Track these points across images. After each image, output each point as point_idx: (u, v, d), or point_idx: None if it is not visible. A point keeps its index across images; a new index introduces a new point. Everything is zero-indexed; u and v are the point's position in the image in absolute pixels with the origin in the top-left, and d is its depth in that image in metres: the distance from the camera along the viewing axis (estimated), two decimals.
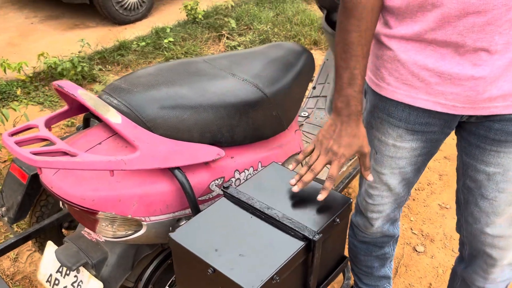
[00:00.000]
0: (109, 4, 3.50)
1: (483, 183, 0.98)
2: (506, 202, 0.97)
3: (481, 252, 1.08)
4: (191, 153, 1.06)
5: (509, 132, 0.91)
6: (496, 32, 0.81)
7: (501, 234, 1.02)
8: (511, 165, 0.93)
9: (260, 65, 1.29)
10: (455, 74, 0.87)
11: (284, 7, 3.93)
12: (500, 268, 1.08)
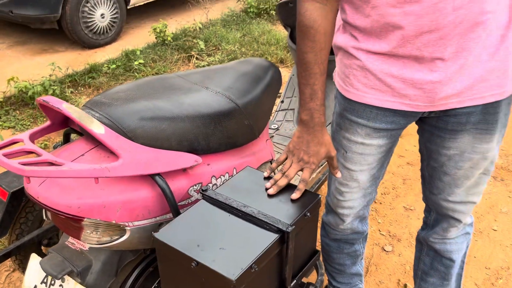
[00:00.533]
0: (79, 28, 3.56)
1: (444, 163, 1.15)
2: (463, 176, 1.14)
3: (446, 216, 1.26)
4: (170, 160, 1.14)
5: (463, 123, 1.06)
6: (447, 44, 0.94)
7: (461, 201, 1.20)
8: (465, 147, 1.09)
9: (231, 78, 1.39)
10: (417, 79, 1.00)
11: (250, 28, 4.09)
12: (457, 228, 1.28)
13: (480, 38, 0.94)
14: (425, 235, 1.37)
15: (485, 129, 1.06)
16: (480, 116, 1.04)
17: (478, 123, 1.05)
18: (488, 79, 0.99)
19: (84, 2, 3.53)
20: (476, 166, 1.11)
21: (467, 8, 0.90)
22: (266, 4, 4.42)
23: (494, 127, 1.06)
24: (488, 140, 1.07)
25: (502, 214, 2.13)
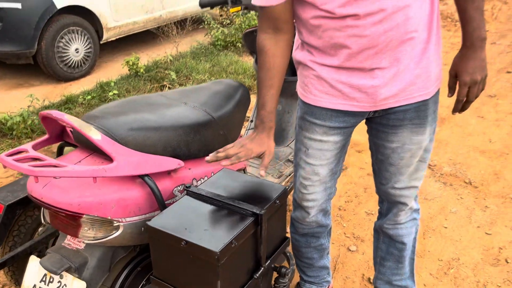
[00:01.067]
0: (54, 63, 3.71)
1: (389, 155, 1.37)
2: (406, 165, 1.37)
3: (395, 202, 1.48)
4: (157, 163, 1.31)
5: (401, 119, 1.30)
6: (382, 58, 1.19)
7: (405, 186, 1.42)
8: (405, 140, 1.32)
9: (206, 95, 1.60)
10: (361, 85, 1.23)
11: (218, 59, 4.35)
12: (405, 212, 1.49)
13: (407, 51, 1.19)
14: (380, 223, 1.59)
15: (419, 123, 1.30)
16: (414, 113, 1.29)
17: (413, 119, 1.29)
18: (416, 83, 1.24)
19: (59, 38, 3.70)
20: (415, 155, 1.35)
21: (395, 30, 1.15)
22: (232, 37, 4.71)
23: (426, 121, 1.30)
24: (422, 132, 1.32)
25: (452, 213, 2.38)
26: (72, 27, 3.79)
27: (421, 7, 1.17)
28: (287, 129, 2.29)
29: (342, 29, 1.17)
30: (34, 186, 1.24)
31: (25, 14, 3.46)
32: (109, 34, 4.20)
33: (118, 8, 4.15)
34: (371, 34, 1.15)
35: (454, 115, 1.43)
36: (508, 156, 2.91)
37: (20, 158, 1.17)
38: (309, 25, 1.24)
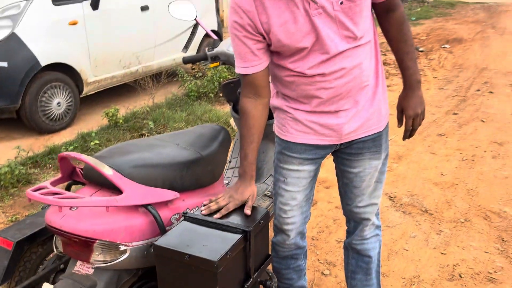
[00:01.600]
0: (37, 116, 3.90)
1: (353, 179, 1.66)
2: (366, 186, 1.66)
3: (360, 219, 1.74)
4: (157, 194, 1.55)
5: (361, 148, 1.60)
6: (345, 102, 1.50)
7: (367, 204, 1.70)
8: (366, 165, 1.62)
9: (195, 137, 1.86)
10: (329, 124, 1.54)
11: (193, 108, 4.65)
12: (369, 227, 1.76)
13: (363, 95, 1.52)
14: (349, 241, 1.85)
15: (375, 151, 1.61)
16: (371, 143, 1.60)
17: (371, 148, 1.60)
18: (371, 119, 1.55)
19: (42, 93, 3.92)
20: (373, 177, 1.65)
21: (353, 82, 1.48)
22: (205, 89, 5.05)
23: (381, 149, 1.62)
24: (378, 158, 1.63)
25: (411, 238, 2.67)
26: (55, 82, 4.03)
27: (370, 61, 1.50)
28: (263, 167, 2.56)
29: (312, 84, 1.48)
30: (53, 217, 1.44)
31: (11, 72, 3.68)
32: (89, 88, 4.45)
33: (98, 64, 4.43)
34: (336, 86, 1.46)
35: (404, 141, 1.74)
36: (458, 186, 3.28)
37: (44, 192, 1.38)
38: (284, 81, 1.54)
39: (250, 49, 1.44)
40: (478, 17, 13.87)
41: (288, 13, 1.37)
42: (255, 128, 1.53)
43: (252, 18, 1.39)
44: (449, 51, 8.71)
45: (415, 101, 1.60)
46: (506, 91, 5.85)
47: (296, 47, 1.41)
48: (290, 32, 1.39)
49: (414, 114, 1.61)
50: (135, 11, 4.78)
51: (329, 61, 1.43)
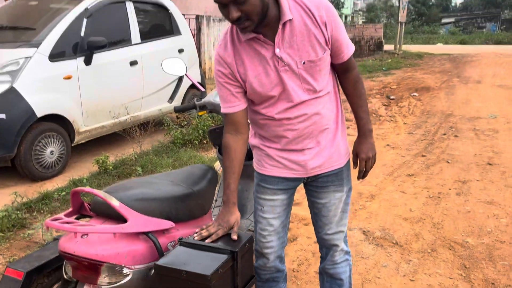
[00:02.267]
0: (31, 164, 4.11)
1: (321, 209, 1.92)
2: (333, 215, 1.92)
3: (330, 245, 1.98)
4: (156, 223, 1.79)
5: (326, 181, 1.87)
6: (309, 142, 1.80)
7: (334, 232, 1.95)
8: (331, 196, 1.88)
9: (187, 175, 2.13)
10: (297, 160, 1.82)
11: (178, 155, 4.92)
12: (338, 253, 1.99)
13: (324, 137, 1.82)
14: (323, 266, 2.09)
15: (339, 184, 1.90)
16: (334, 177, 1.89)
17: (334, 181, 1.89)
18: (333, 157, 1.85)
19: (37, 142, 4.15)
20: (338, 207, 1.92)
21: (314, 125, 1.78)
22: (190, 136, 5.35)
23: (343, 182, 1.90)
24: (341, 190, 1.91)
25: (383, 267, 2.92)
26: (49, 132, 4.27)
27: (330, 109, 1.82)
28: (246, 204, 2.82)
29: (280, 126, 1.79)
30: (66, 244, 1.66)
31: (9, 123, 3.91)
32: (80, 137, 4.70)
33: (89, 114, 4.71)
34: (299, 128, 1.77)
35: (359, 181, 2.00)
36: (425, 220, 3.58)
37: (61, 222, 1.62)
38: (259, 124, 1.85)
39: (230, 92, 1.75)
40: (445, 67, 14.81)
41: (261, 68, 1.70)
42: (236, 160, 1.79)
43: (232, 68, 1.72)
44: (418, 98, 9.31)
45: (367, 146, 1.88)
46: (470, 135, 6.33)
47: (266, 95, 1.73)
48: (262, 83, 1.71)
49: (366, 158, 1.88)
50: (124, 66, 5.14)
51: (293, 108, 1.75)
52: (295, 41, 1.65)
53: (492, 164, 5.00)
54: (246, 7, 1.50)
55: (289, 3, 1.65)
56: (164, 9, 6.02)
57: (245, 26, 1.56)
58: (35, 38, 4.33)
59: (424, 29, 41.39)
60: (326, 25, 1.66)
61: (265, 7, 1.56)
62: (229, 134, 1.82)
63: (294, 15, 1.64)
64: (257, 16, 1.55)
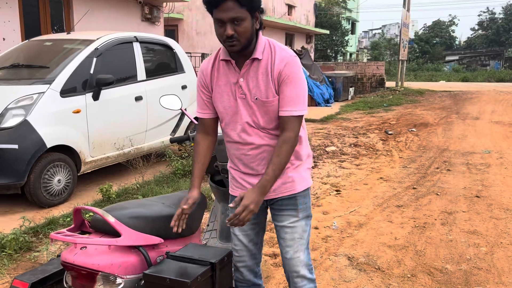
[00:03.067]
0: (39, 192, 4.39)
1: (280, 231, 2.09)
2: (290, 239, 2.04)
3: (289, 271, 2.11)
4: (147, 239, 2.03)
5: (281, 205, 2.03)
6: (262, 168, 1.97)
7: (291, 257, 2.05)
8: (286, 220, 2.03)
9: (177, 199, 2.38)
10: (253, 183, 1.98)
11: (178, 184, 5.17)
12: (300, 279, 2.07)
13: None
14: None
15: (293, 209, 2.02)
16: (289, 201, 2.02)
17: (289, 205, 2.02)
18: (286, 183, 2.00)
19: (46, 171, 4.44)
20: (294, 231, 2.02)
21: (266, 153, 1.96)
22: (190, 167, 5.62)
23: (297, 208, 2.02)
24: (296, 215, 2.02)
25: None
26: (57, 162, 4.56)
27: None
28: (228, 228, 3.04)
29: (237, 150, 2.03)
30: (67, 255, 1.91)
31: (21, 153, 4.22)
32: (86, 167, 4.99)
33: (95, 146, 5.02)
34: (251, 154, 2.00)
35: (228, 225, 1.88)
36: (408, 248, 3.76)
37: (64, 235, 1.87)
38: (228, 146, 2.09)
39: (203, 100, 2.04)
40: (445, 104, 15.14)
41: (225, 87, 1.95)
42: (201, 153, 2.07)
43: (206, 79, 2.00)
44: (416, 134, 9.57)
45: (253, 198, 1.80)
46: (462, 169, 6.54)
47: (224, 111, 1.97)
48: (222, 99, 1.96)
49: (244, 206, 1.78)
50: (130, 101, 5.49)
51: (245, 134, 1.95)
52: (256, 78, 1.89)
53: (480, 196, 5.19)
54: (240, 28, 1.77)
55: (266, 44, 1.90)
56: (169, 49, 6.43)
57: (233, 44, 1.80)
58: (48, 76, 4.71)
59: (428, 66, 42.16)
60: (279, 76, 1.86)
61: (252, 35, 1.84)
62: (199, 133, 2.10)
63: (264, 57, 1.88)
64: (245, 40, 1.81)
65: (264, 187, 1.84)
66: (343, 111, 13.43)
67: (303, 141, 2.06)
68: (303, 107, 1.89)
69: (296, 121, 1.88)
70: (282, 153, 1.86)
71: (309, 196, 2.11)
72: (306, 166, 2.09)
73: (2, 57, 5.47)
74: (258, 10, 1.84)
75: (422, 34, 52.00)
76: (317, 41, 26.35)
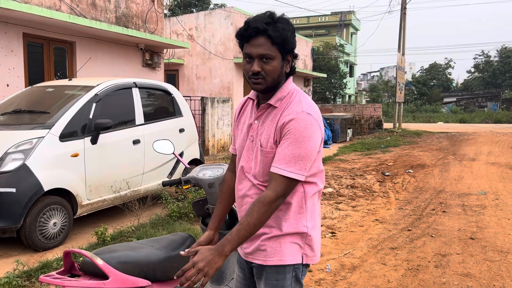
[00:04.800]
0: (34, 235, 4.42)
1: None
2: None
3: None
4: (134, 281, 2.08)
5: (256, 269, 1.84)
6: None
7: None
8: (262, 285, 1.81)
9: (166, 242, 2.44)
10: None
11: (173, 227, 5.19)
12: None
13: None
14: None
15: (262, 281, 1.81)
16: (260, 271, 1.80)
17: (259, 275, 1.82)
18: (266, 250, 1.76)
19: (42, 214, 4.50)
20: None
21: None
22: (186, 209, 5.67)
23: (265, 283, 1.78)
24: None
25: None
26: (53, 205, 4.63)
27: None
28: (226, 271, 3.07)
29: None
30: None
31: (18, 196, 4.29)
32: (83, 210, 5.04)
33: (92, 189, 5.09)
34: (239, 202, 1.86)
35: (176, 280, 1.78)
36: None
37: (53, 277, 1.92)
38: None
39: (234, 136, 1.97)
40: (442, 145, 15.28)
41: (243, 125, 1.89)
42: (225, 193, 2.00)
43: (236, 113, 1.98)
44: (412, 175, 9.62)
45: (206, 254, 1.58)
46: (458, 210, 6.56)
47: (237, 149, 1.91)
48: (239, 136, 1.90)
49: (193, 261, 1.57)
50: (128, 144, 5.62)
51: (238, 178, 1.86)
52: (266, 123, 1.78)
53: (475, 238, 5.19)
54: (268, 66, 1.69)
55: (289, 93, 1.78)
56: (167, 94, 6.64)
57: (258, 82, 1.71)
58: (48, 121, 4.85)
59: (426, 107, 42.75)
60: (282, 128, 1.71)
61: (280, 77, 1.75)
62: (228, 171, 2.05)
63: (280, 105, 1.76)
64: (271, 80, 1.72)
65: (222, 247, 1.59)
66: (341, 153, 13.56)
67: (292, 211, 1.77)
68: (297, 170, 1.66)
69: (281, 182, 1.66)
70: (252, 213, 1.63)
71: (286, 275, 1.78)
72: (291, 241, 1.77)
73: (5, 102, 5.65)
74: (290, 53, 1.76)
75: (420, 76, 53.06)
76: (316, 83, 26.92)
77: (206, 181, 2.77)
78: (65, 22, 7.28)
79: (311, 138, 1.68)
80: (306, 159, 1.67)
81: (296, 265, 1.78)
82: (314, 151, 1.70)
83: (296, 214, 1.77)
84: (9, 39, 7.10)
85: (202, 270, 1.55)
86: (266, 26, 1.66)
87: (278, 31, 1.68)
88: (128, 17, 9.67)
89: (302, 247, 1.78)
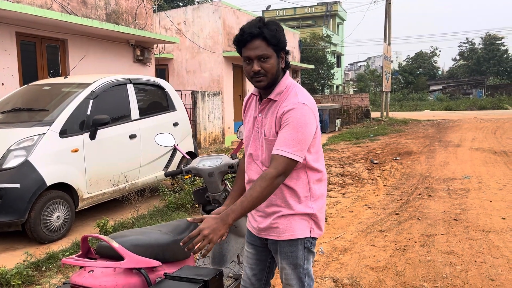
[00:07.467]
0: (39, 228, 4.60)
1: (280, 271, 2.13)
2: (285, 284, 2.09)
3: None
4: (146, 262, 2.29)
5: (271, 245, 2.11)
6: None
7: None
8: (278, 264, 2.09)
9: (173, 227, 2.65)
10: (254, 216, 2.18)
11: (171, 217, 5.41)
12: None
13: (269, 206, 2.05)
14: None
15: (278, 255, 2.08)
16: (275, 246, 2.07)
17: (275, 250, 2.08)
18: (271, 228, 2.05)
19: (45, 208, 4.67)
20: (289, 278, 2.06)
21: None
22: (183, 200, 5.88)
23: (281, 256, 2.05)
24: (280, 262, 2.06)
25: None
26: (56, 199, 4.80)
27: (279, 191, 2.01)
28: (227, 254, 3.29)
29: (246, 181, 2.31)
30: (76, 278, 2.16)
31: (22, 191, 4.46)
32: (84, 203, 5.23)
33: (92, 183, 5.27)
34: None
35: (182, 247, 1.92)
36: (389, 269, 4.02)
37: (74, 259, 2.13)
38: None
39: (244, 126, 2.19)
40: (428, 132, 15.64)
41: (249, 118, 2.11)
42: (241, 176, 2.27)
43: (243, 108, 2.21)
44: (400, 162, 9.93)
45: (211, 223, 1.75)
46: (443, 194, 6.87)
47: (245, 140, 2.14)
48: (246, 128, 2.13)
49: (200, 229, 1.74)
50: (124, 139, 5.80)
51: (248, 165, 2.10)
52: (268, 115, 2.00)
53: (458, 219, 5.49)
54: (266, 65, 1.90)
55: (287, 87, 1.98)
56: (161, 89, 6.80)
57: (260, 80, 1.92)
58: (47, 118, 5.01)
59: (413, 96, 43.24)
60: (281, 118, 1.92)
61: (278, 72, 1.97)
62: (242, 158, 2.27)
63: (279, 99, 1.97)
64: (271, 76, 1.93)
65: (226, 216, 1.76)
66: (330, 142, 13.83)
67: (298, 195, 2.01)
68: (294, 151, 1.85)
69: (282, 161, 1.84)
70: (255, 187, 1.81)
71: (299, 247, 2.04)
72: (300, 218, 2.02)
73: (3, 101, 5.78)
74: (283, 50, 1.97)
75: (406, 65, 53.59)
76: (304, 75, 27.14)
77: (206, 170, 2.97)
78: (57, 20, 7.38)
79: (307, 125, 1.88)
80: (303, 142, 1.88)
81: (306, 238, 2.04)
82: (310, 136, 1.91)
83: (302, 197, 2.01)
84: (2, 38, 7.18)
85: (207, 237, 1.72)
86: (260, 30, 1.88)
87: (271, 33, 1.90)
88: (118, 14, 9.77)
89: (310, 223, 2.04)
